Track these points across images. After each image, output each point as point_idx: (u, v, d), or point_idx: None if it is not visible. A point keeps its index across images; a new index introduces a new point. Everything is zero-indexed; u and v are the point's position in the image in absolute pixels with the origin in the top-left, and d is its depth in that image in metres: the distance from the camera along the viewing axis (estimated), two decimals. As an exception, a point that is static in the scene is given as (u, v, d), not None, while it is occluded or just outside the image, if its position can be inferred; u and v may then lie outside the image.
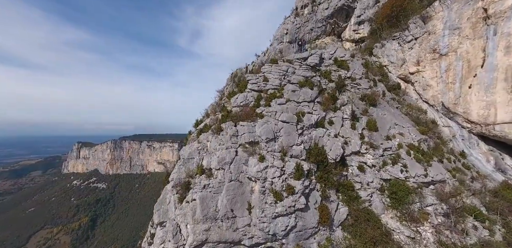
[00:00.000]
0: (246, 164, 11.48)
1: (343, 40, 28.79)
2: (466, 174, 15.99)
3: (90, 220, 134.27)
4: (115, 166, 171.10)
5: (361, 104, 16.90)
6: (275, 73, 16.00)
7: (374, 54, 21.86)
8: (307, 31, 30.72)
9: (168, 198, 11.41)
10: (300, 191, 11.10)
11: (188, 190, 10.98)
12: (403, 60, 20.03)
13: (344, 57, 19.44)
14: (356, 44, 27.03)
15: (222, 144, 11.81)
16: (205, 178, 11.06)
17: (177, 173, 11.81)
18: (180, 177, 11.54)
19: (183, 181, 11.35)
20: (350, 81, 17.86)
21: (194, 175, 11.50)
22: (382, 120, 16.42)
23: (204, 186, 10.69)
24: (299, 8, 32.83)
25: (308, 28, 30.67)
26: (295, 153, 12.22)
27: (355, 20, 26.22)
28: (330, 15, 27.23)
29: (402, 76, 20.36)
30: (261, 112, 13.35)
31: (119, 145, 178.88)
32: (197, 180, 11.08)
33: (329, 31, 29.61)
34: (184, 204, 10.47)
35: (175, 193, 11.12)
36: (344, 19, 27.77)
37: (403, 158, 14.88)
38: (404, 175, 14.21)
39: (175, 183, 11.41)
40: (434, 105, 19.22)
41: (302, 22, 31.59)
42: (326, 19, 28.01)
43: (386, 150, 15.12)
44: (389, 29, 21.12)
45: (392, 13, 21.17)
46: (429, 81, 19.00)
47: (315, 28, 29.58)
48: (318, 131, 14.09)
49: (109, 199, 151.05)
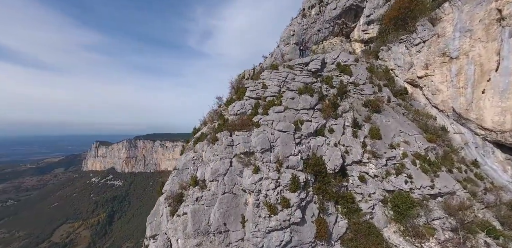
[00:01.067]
0: (240, 176, 11.03)
1: (352, 40, 27.83)
2: (478, 185, 14.80)
3: (108, 216, 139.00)
4: (130, 165, 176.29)
5: (364, 110, 16.07)
6: (274, 80, 15.51)
7: (380, 57, 20.81)
8: (314, 32, 30.01)
9: (161, 210, 11.04)
10: (295, 204, 10.54)
11: (181, 203, 10.60)
12: (410, 64, 18.90)
13: (347, 61, 18.62)
14: (366, 45, 26.02)
15: (216, 155, 11.41)
16: (199, 190, 10.65)
17: (170, 184, 11.45)
18: (173, 189, 11.17)
19: (175, 193, 10.97)
20: (353, 87, 17.05)
21: (188, 186, 11.09)
22: (386, 127, 15.53)
23: (197, 199, 10.32)
24: (306, 9, 32.14)
25: (315, 29, 29.96)
26: (291, 164, 11.66)
27: (364, 20, 25.12)
28: (338, 15, 26.36)
29: (410, 80, 19.22)
30: (257, 121, 12.87)
31: (134, 144, 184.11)
32: (190, 192, 10.69)
33: (337, 31, 28.75)
34: (175, 218, 10.11)
35: (167, 205, 10.77)
36: (353, 19, 26.77)
37: (407, 168, 13.97)
38: (409, 186, 13.32)
39: (167, 195, 11.05)
40: (444, 111, 17.99)
41: (309, 23, 30.90)
42: (334, 19, 27.15)
43: (390, 160, 14.25)
44: (396, 31, 20.05)
45: (399, 15, 20.08)
46: (439, 86, 17.79)
47: (323, 29, 28.84)
48: (317, 140, 13.47)
49: (125, 196, 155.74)
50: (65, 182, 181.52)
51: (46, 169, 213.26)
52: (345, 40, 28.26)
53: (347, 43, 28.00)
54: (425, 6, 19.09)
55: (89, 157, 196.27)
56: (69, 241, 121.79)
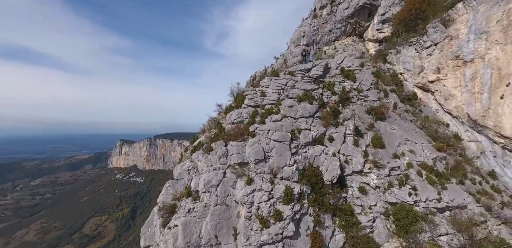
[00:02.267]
0: (234, 187, 10.74)
1: (366, 40, 26.59)
2: (494, 199, 13.49)
3: (131, 211, 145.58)
4: (150, 162, 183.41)
5: (367, 118, 15.24)
6: (273, 87, 15.17)
7: (388, 61, 19.63)
8: (326, 32, 29.18)
9: (155, 221, 10.85)
10: (288, 217, 10.10)
11: (173, 214, 10.38)
12: (420, 68, 17.60)
13: (352, 66, 17.76)
14: (380, 44, 24.81)
15: (210, 165, 11.19)
16: (191, 201, 10.44)
17: (164, 195, 11.25)
18: (166, 200, 10.96)
19: (168, 204, 10.74)
20: (356, 93, 16.22)
21: (181, 197, 10.86)
22: (390, 135, 14.62)
23: (189, 210, 10.11)
24: (318, 9, 31.33)
25: (326, 29, 29.12)
26: (286, 175, 11.20)
27: (379, 18, 23.81)
28: (351, 14, 25.27)
29: (420, 85, 17.90)
30: (254, 130, 12.52)
31: (154, 143, 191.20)
32: (183, 203, 10.48)
33: (350, 31, 27.66)
34: (166, 230, 9.92)
35: (159, 217, 10.57)
36: (367, 18, 25.49)
37: (412, 179, 13.04)
38: (413, 198, 12.41)
39: (160, 206, 10.86)
40: (458, 117, 16.57)
41: (320, 23, 30.08)
42: (346, 19, 26.08)
43: (393, 170, 13.39)
44: (406, 34, 18.77)
45: (409, 16, 18.79)
46: (452, 91, 16.40)
47: (334, 29, 27.95)
48: (315, 149, 12.97)
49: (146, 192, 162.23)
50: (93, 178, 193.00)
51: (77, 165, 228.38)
52: (358, 40, 27.11)
53: (360, 43, 26.85)
54: (439, 5, 17.64)
55: (113, 155, 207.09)
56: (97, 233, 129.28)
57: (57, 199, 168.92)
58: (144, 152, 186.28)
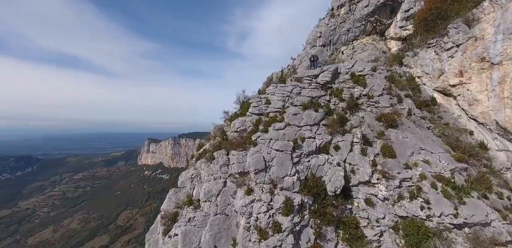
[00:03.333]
0: (234, 196, 10.64)
1: (387, 38, 25.18)
2: (525, 216, 11.92)
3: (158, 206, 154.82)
4: (175, 160, 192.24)
5: (377, 125, 14.35)
6: (278, 95, 14.95)
7: (405, 64, 18.21)
8: (343, 32, 28.20)
9: (158, 228, 11.01)
10: (288, 229, 9.80)
11: (174, 223, 10.46)
12: (440, 71, 16.07)
13: (363, 71, 16.80)
14: (403, 42, 23.37)
15: (211, 174, 11.20)
16: (192, 210, 10.46)
17: (167, 202, 11.45)
18: (169, 208, 11.12)
19: (170, 212, 10.84)
20: (366, 99, 15.33)
21: (183, 206, 10.93)
22: (402, 144, 13.62)
23: (189, 219, 10.12)
24: (335, 9, 30.43)
25: (344, 29, 28.14)
26: (286, 185, 10.91)
27: (402, 15, 22.38)
28: (371, 12, 24.13)
29: (440, 89, 16.34)
30: (256, 139, 12.32)
31: (177, 142, 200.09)
32: (184, 212, 10.55)
33: (370, 30, 26.40)
34: (166, 239, 10.04)
35: (162, 225, 10.70)
36: (389, 15, 24.12)
37: (425, 192, 12.00)
38: (425, 213, 11.44)
39: (162, 214, 11.00)
40: (485, 124, 14.84)
41: (338, 23, 29.14)
42: (366, 17, 24.90)
43: (404, 181, 12.45)
44: (425, 35, 17.28)
45: (430, 16, 17.26)
46: (477, 95, 14.73)
47: (353, 28, 26.90)
48: (318, 159, 12.54)
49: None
50: (125, 174, 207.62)
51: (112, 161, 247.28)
52: (379, 39, 25.75)
53: (380, 42, 25.48)
54: (462, 4, 15.94)
55: (142, 153, 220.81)
56: (129, 225, 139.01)
57: (96, 192, 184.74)
58: (169, 150, 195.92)
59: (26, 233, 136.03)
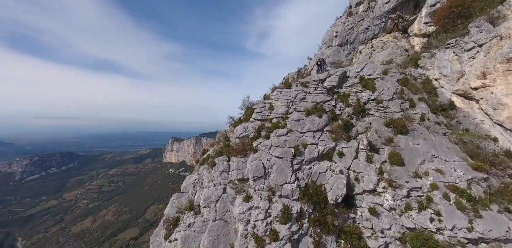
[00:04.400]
0: (233, 203, 10.67)
1: (411, 35, 23.71)
2: (555, 233, 10.53)
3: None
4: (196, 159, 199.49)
5: (386, 131, 13.59)
6: (282, 100, 14.80)
7: (420, 65, 16.89)
8: (361, 30, 27.24)
9: (162, 232, 11.13)
10: (285, 237, 9.64)
11: (175, 227, 10.62)
12: (460, 73, 14.67)
13: (372, 74, 15.93)
14: (429, 39, 22.02)
15: (211, 181, 11.33)
16: (192, 215, 10.61)
17: (169, 207, 11.66)
18: (171, 213, 11.32)
19: (172, 217, 11.01)
20: (374, 104, 14.55)
21: (184, 210, 11.08)
22: (412, 151, 12.76)
23: (189, 225, 10.27)
24: (353, 6, 29.47)
25: (362, 27, 27.17)
26: (285, 193, 10.76)
27: (428, 10, 20.89)
28: (392, 9, 22.99)
29: (460, 92, 14.90)
30: (257, 145, 12.26)
31: (199, 141, 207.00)
32: (185, 217, 10.71)
33: (391, 27, 25.15)
34: (166, 243, 10.27)
35: (164, 229, 10.95)
36: (412, 11, 22.75)
37: (436, 203, 11.15)
38: (436, 225, 10.64)
39: (165, 219, 11.25)
40: (513, 129, 13.31)
41: (356, 21, 28.23)
42: (387, 14, 23.76)
43: (413, 191, 11.67)
44: (444, 34, 15.90)
45: (450, 14, 15.83)
46: (503, 99, 13.24)
47: (372, 26, 25.87)
48: (320, 166, 12.27)
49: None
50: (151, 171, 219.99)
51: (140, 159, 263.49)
52: (401, 36, 24.39)
53: (402, 39, 24.10)
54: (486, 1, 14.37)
55: (166, 151, 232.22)
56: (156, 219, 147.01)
57: (126, 187, 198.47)
58: (191, 149, 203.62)
59: (70, 222, 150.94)
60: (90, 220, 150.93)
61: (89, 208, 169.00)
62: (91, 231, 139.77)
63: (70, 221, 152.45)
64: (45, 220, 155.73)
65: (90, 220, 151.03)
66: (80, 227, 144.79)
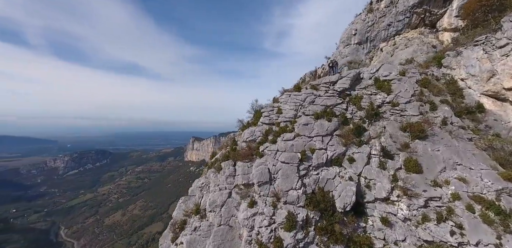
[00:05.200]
0: (237, 208, 10.56)
1: (440, 30, 22.10)
2: None
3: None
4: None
5: (402, 136, 12.65)
6: (291, 104, 14.47)
7: (444, 65, 15.45)
8: (383, 27, 26.10)
9: (169, 235, 11.38)
10: (290, 245, 9.33)
11: (182, 231, 10.74)
12: (491, 72, 13.16)
13: (388, 76, 14.91)
14: (463, 32, 20.43)
15: (217, 185, 11.30)
16: (199, 219, 10.65)
17: (177, 210, 11.85)
18: (178, 215, 11.47)
19: (179, 220, 11.13)
20: (389, 107, 13.60)
21: (191, 214, 11.14)
22: (431, 158, 11.73)
23: (195, 229, 10.32)
24: (374, 2, 28.33)
25: (384, 24, 26.03)
26: (290, 199, 10.45)
27: (460, 2, 19.32)
28: (418, 3, 21.75)
29: (491, 93, 13.39)
30: (263, 150, 12.06)
31: (218, 140, 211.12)
32: (191, 220, 10.78)
33: (416, 22, 23.74)
34: (173, 246, 10.44)
35: (171, 231, 11.15)
36: (441, 4, 21.31)
37: (458, 215, 10.15)
38: (457, 239, 9.69)
39: (172, 221, 11.44)
40: (554, 133, 11.65)
41: (377, 17, 27.14)
42: (412, 8, 22.46)
43: (432, 200, 10.75)
44: (473, 30, 14.39)
45: (480, 8, 14.28)
46: (541, 100, 11.64)
47: (395, 22, 24.67)
48: (328, 171, 11.79)
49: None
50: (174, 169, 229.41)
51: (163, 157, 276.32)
52: (428, 31, 22.79)
53: (429, 35, 22.53)
54: None
55: (188, 150, 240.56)
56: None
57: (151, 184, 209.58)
58: (211, 148, 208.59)
59: (103, 214, 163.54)
60: (120, 214, 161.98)
61: (119, 202, 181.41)
62: (121, 224, 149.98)
63: (103, 214, 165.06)
64: (83, 212, 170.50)
65: (120, 214, 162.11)
66: (112, 219, 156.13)
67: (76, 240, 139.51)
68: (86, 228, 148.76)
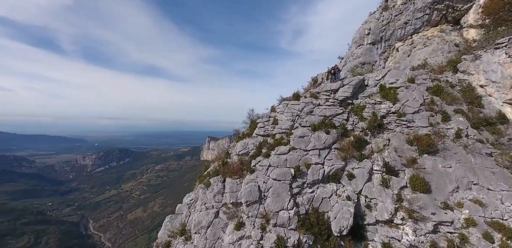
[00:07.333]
0: (224, 230, 9.75)
1: (464, 27, 19.94)
2: None
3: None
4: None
5: (408, 150, 11.27)
6: (287, 114, 13.54)
7: (461, 70, 13.60)
8: (399, 25, 24.40)
9: None
10: None
11: None
12: None
13: (395, 83, 13.41)
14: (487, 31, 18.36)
15: (204, 203, 10.54)
16: (183, 241, 9.88)
17: (163, 230, 10.98)
18: (163, 236, 10.66)
19: (164, 242, 10.34)
20: (395, 118, 12.18)
21: (176, 235, 10.37)
22: (441, 176, 10.28)
23: None
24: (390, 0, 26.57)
25: (400, 22, 24.31)
26: (280, 221, 9.49)
27: None
28: None
29: None
30: (254, 165, 11.20)
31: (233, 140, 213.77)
32: (175, 242, 10.03)
33: (437, 19, 21.69)
34: None
35: None
36: None
37: (473, 244, 8.73)
38: (471, 274, 8.40)
39: (157, 243, 10.64)
40: None
41: (392, 15, 25.47)
42: (432, 5, 20.73)
43: (442, 225, 9.38)
44: (494, 32, 12.53)
45: (503, 7, 12.39)
46: None
47: (412, 20, 22.81)
48: (324, 189, 10.74)
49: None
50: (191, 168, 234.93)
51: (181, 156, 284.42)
52: (450, 29, 20.67)
53: (452, 33, 20.39)
54: None
55: (203, 149, 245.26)
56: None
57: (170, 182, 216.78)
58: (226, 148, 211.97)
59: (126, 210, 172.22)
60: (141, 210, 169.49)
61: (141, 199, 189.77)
62: (143, 219, 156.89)
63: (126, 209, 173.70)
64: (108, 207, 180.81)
65: (141, 210, 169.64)
66: (134, 215, 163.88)
67: (103, 233, 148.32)
68: (111, 223, 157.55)
